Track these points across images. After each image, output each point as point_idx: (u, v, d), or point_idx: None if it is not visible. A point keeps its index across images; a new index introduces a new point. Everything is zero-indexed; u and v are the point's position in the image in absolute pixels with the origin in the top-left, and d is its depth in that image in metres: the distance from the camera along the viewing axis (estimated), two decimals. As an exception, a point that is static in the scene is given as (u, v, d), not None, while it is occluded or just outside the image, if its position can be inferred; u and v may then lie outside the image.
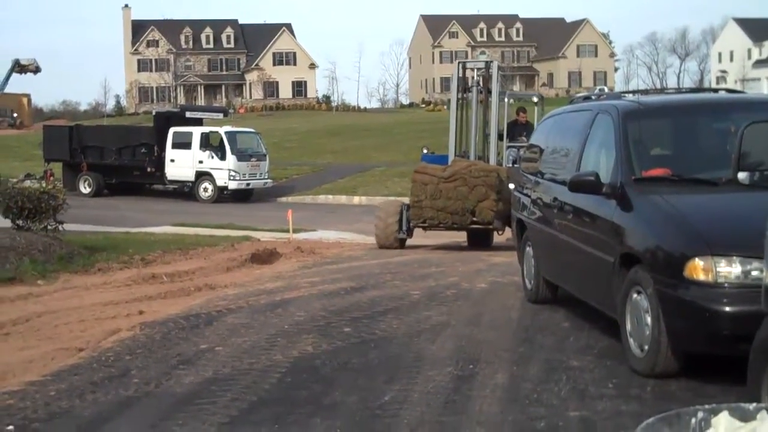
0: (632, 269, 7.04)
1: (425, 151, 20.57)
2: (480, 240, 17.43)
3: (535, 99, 20.92)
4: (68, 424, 6.09)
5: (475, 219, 15.91)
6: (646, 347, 6.80)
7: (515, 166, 18.43)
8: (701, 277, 6.38)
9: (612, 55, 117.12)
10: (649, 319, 6.76)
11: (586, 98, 10.22)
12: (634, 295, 6.98)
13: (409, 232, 17.03)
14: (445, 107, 19.27)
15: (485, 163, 17.94)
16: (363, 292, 11.17)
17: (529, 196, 10.28)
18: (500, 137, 19.49)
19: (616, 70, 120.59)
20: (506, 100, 20.69)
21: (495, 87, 19.07)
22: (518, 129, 20.05)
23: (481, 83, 19.12)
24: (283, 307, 10.20)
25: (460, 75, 19.22)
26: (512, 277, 11.52)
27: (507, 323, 9.23)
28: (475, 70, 19.40)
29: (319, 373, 7.31)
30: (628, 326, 7.10)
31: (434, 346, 8.14)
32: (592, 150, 8.60)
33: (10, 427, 6.05)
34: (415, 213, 16.26)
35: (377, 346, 8.21)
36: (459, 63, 19.73)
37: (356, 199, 33.69)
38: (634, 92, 10.13)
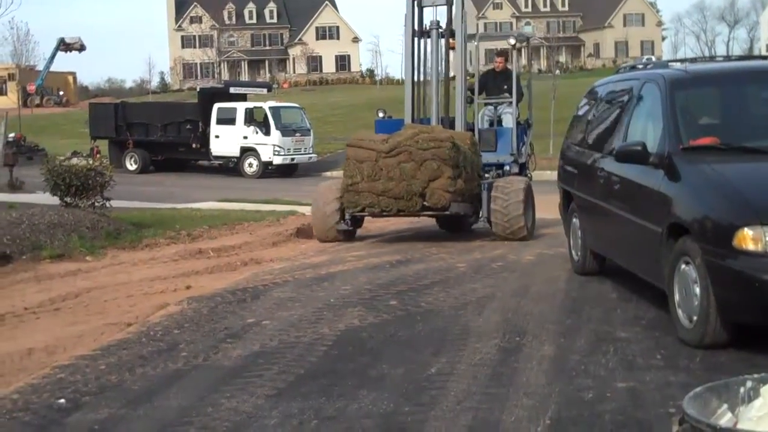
0: (680, 239, 6.96)
1: (381, 115, 16.03)
2: (452, 224, 14.66)
3: (512, 41, 15.39)
4: (118, 398, 6.16)
5: (426, 204, 12.83)
6: (695, 318, 6.73)
7: (492, 129, 15.52)
8: (750, 246, 6.30)
9: (659, 24, 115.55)
10: (697, 290, 6.68)
11: (633, 68, 10.10)
12: (683, 266, 6.91)
13: (356, 222, 13.81)
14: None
15: (443, 128, 14.13)
16: (408, 266, 11.17)
17: (575, 167, 10.20)
18: (472, 93, 15.51)
19: (663, 39, 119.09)
20: (476, 43, 16.21)
21: (460, 28, 14.76)
22: (496, 80, 15.90)
23: (442, 24, 14.84)
24: (329, 281, 10.23)
25: (417, 16, 14.89)
26: (559, 248, 11.46)
27: (554, 295, 9.19)
28: (436, 8, 15.05)
29: (366, 345, 7.33)
30: (677, 297, 7.04)
31: (481, 319, 8.12)
32: (639, 119, 8.51)
33: (62, 401, 6.13)
34: (350, 199, 13.04)
35: (423, 318, 8.21)
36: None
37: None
38: (681, 61, 9.99)
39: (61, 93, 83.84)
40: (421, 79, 15.24)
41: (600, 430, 5.21)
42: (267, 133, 33.51)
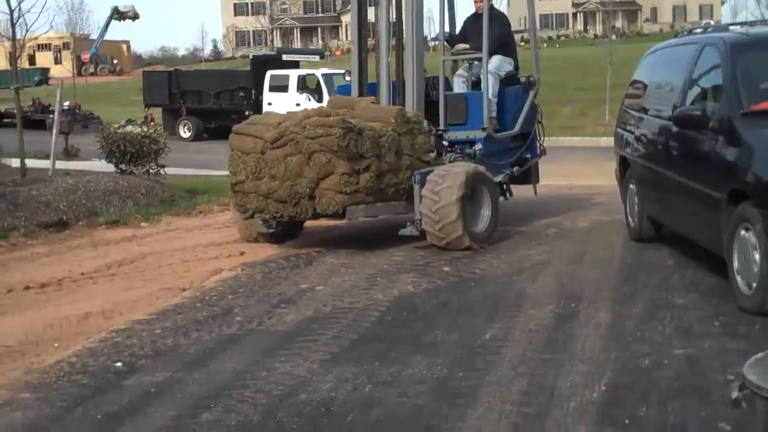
0: (740, 205, 6.84)
1: (348, 79, 12.36)
2: None
3: None
4: (174, 361, 6.21)
5: (317, 209, 9.81)
6: (754, 285, 6.62)
7: (460, 95, 11.70)
8: (812, 212, 6.17)
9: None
10: (757, 256, 6.57)
11: (691, 32, 9.92)
12: (742, 232, 6.79)
13: (286, 224, 10.67)
14: (545, 45, 15.52)
15: (369, 102, 10.99)
16: (462, 232, 11.08)
17: (633, 133, 10.06)
18: (449, 44, 12.29)
19: (722, 2, 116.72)
20: None
21: None
22: (476, 27, 11.62)
23: None
24: (381, 247, 10.21)
25: None
26: (615, 215, 11.31)
27: (609, 261, 9.10)
28: None
29: (420, 311, 7.31)
30: (736, 264, 6.92)
31: (535, 285, 8.07)
32: (698, 84, 8.36)
33: (118, 364, 6.20)
34: (238, 202, 10.35)
35: (477, 284, 8.17)
36: None
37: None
38: (741, 24, 9.78)
39: (115, 61, 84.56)
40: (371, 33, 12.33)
41: (657, 396, 5.15)
42: (320, 100, 33.35)
